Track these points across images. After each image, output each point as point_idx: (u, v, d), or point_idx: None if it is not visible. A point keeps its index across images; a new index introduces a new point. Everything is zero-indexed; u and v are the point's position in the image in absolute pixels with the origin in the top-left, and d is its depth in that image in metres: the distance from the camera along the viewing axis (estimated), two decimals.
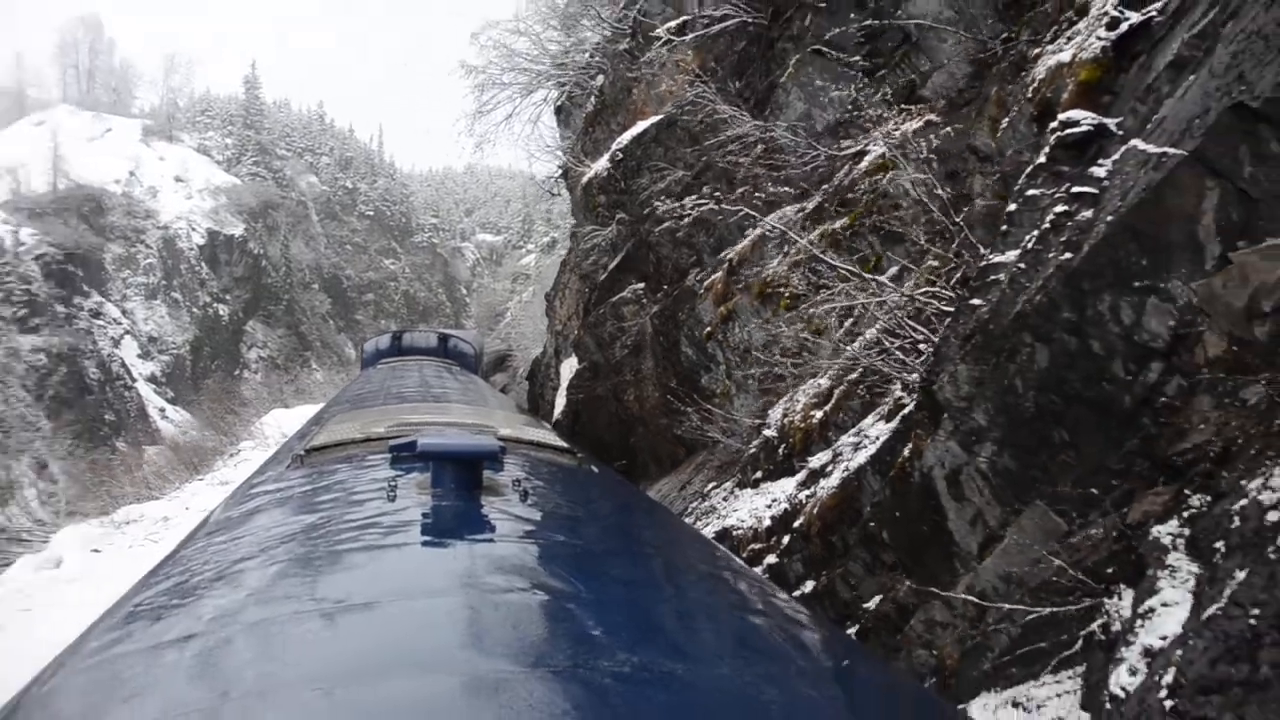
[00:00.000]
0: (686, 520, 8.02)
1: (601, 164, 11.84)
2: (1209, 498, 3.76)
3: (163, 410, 70.79)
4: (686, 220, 9.52)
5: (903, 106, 7.01)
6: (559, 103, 15.75)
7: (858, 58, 7.75)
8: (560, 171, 16.06)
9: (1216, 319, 3.87)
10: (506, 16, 16.62)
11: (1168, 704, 3.06)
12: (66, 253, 70.88)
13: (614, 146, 11.66)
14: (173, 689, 1.88)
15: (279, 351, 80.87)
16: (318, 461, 4.50)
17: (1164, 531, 3.87)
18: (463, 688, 1.64)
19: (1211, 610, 3.16)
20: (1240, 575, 3.14)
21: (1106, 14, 4.47)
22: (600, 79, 13.32)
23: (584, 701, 1.62)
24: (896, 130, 6.80)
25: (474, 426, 5.12)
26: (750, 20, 9.96)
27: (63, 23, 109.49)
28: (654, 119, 10.89)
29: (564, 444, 5.36)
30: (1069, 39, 4.75)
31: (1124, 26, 4.38)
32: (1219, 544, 3.41)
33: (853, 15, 7.83)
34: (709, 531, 7.28)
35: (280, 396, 40.11)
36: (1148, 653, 3.47)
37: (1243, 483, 3.50)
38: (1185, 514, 3.84)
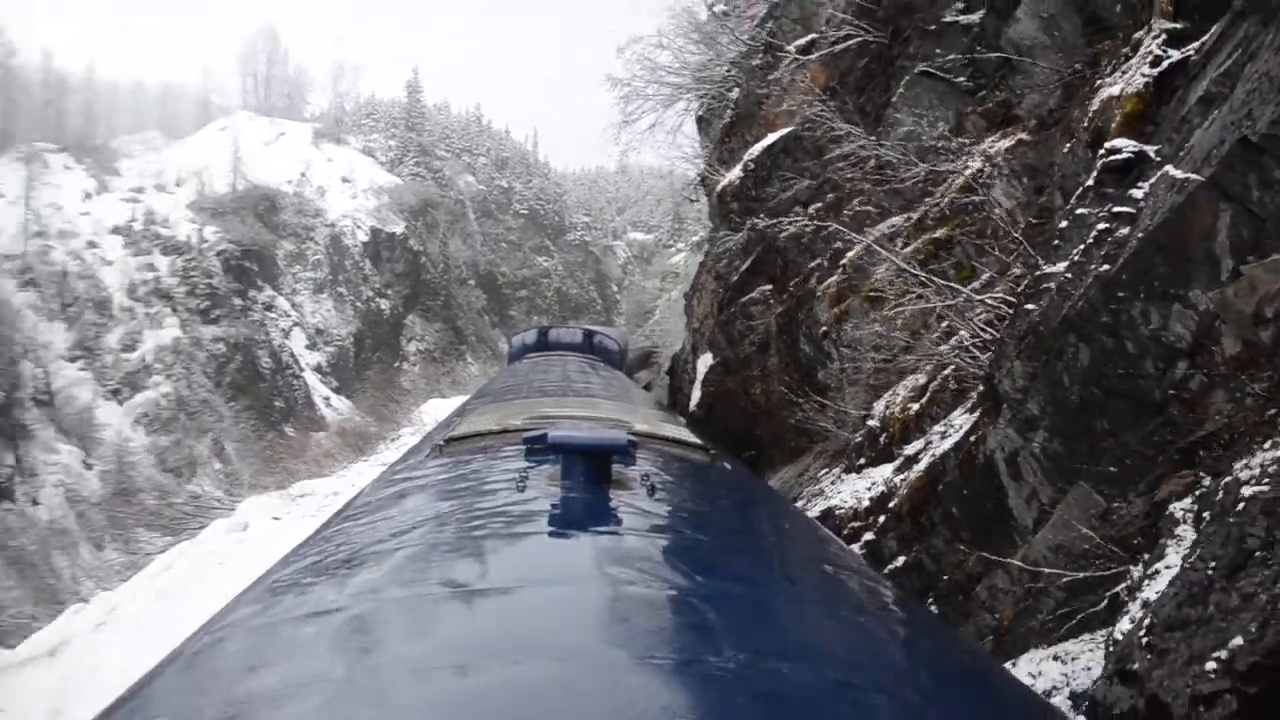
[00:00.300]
0: (798, 504, 8.78)
1: (735, 173, 12.68)
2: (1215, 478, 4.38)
3: (327, 399, 74.21)
4: (809, 228, 10.29)
5: (1001, 127, 7.65)
6: (700, 113, 16.67)
7: (962, 79, 8.40)
8: (699, 178, 17.01)
9: (1230, 324, 4.48)
10: (650, 32, 17.56)
11: (1144, 640, 3.74)
12: (244, 249, 75.35)
13: (746, 157, 12.49)
14: (310, 659, 2.01)
15: (436, 345, 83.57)
16: (455, 451, 4.66)
17: (1179, 508, 4.50)
18: (579, 673, 1.72)
19: (1184, 566, 3.82)
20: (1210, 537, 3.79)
21: (1151, 53, 5.10)
22: (736, 92, 14.16)
23: (690, 694, 1.69)
24: (991, 148, 7.45)
25: (609, 421, 5.26)
26: (872, 39, 10.64)
27: (244, 34, 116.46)
28: (782, 131, 11.66)
29: (697, 440, 5.47)
30: (1122, 73, 5.37)
31: (1165, 65, 5.01)
32: (1206, 514, 4.05)
33: (938, 50, 8.46)
34: (815, 511, 8.06)
35: (437, 387, 42.36)
36: (1144, 604, 4.14)
37: (1234, 464, 4.12)
38: (1197, 493, 4.48)
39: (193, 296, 69.82)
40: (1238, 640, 3.19)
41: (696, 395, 14.12)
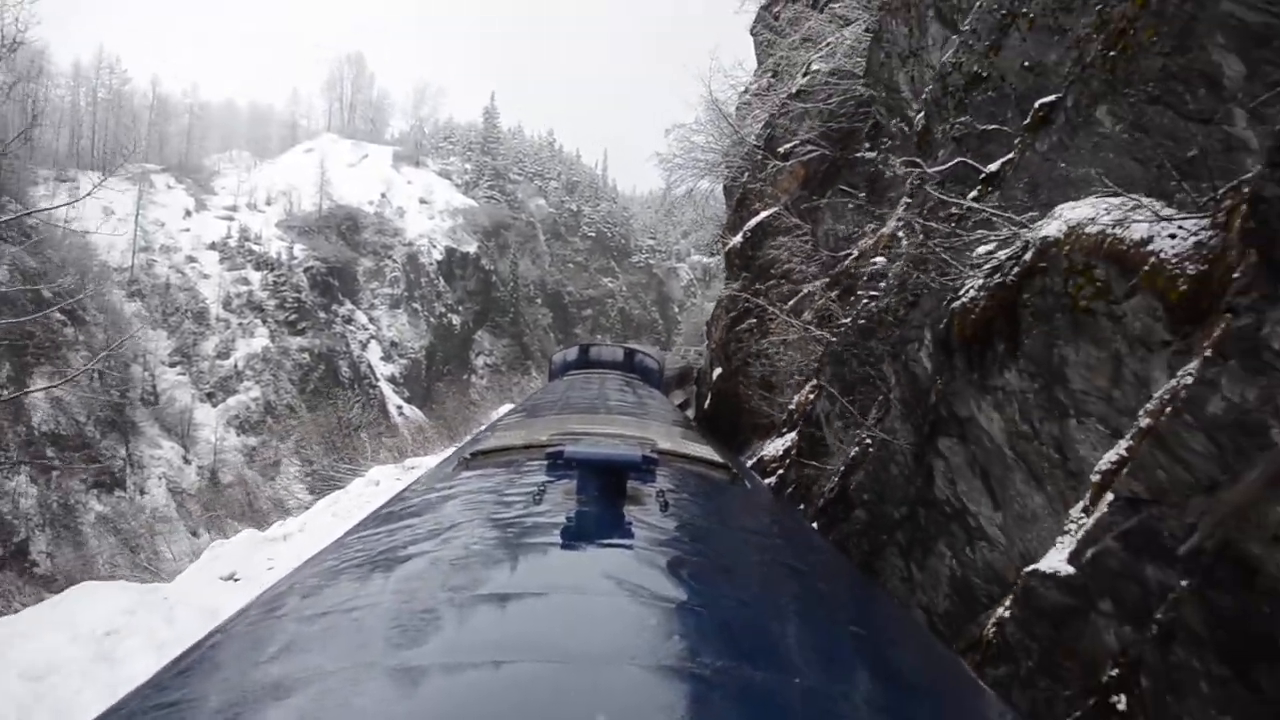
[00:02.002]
0: (750, 460, 14.12)
1: (737, 239, 18.07)
2: None
3: (400, 408, 79.76)
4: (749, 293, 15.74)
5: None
6: (726, 183, 22.17)
7: (863, 195, 13.72)
8: (719, 238, 22.57)
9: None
10: (689, 120, 23.29)
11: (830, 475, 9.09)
12: (329, 266, 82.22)
13: (745, 227, 17.93)
14: (312, 654, 2.27)
15: (503, 360, 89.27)
16: (480, 464, 4.89)
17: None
18: (560, 673, 1.94)
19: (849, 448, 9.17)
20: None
21: (898, 213, 10.45)
22: (746, 175, 19.60)
23: (663, 694, 1.93)
24: (865, 244, 12.76)
25: (633, 438, 5.42)
26: (828, 153, 16.06)
27: (331, 60, 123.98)
28: (767, 212, 17.06)
29: (721, 460, 5.81)
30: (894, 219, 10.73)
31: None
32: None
33: (853, 172, 13.87)
34: (754, 459, 13.47)
35: (509, 395, 48.13)
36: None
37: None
38: None
39: (281, 309, 76.86)
40: (840, 468, 8.55)
41: (708, 397, 19.48)
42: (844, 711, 2.04)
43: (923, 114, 8.23)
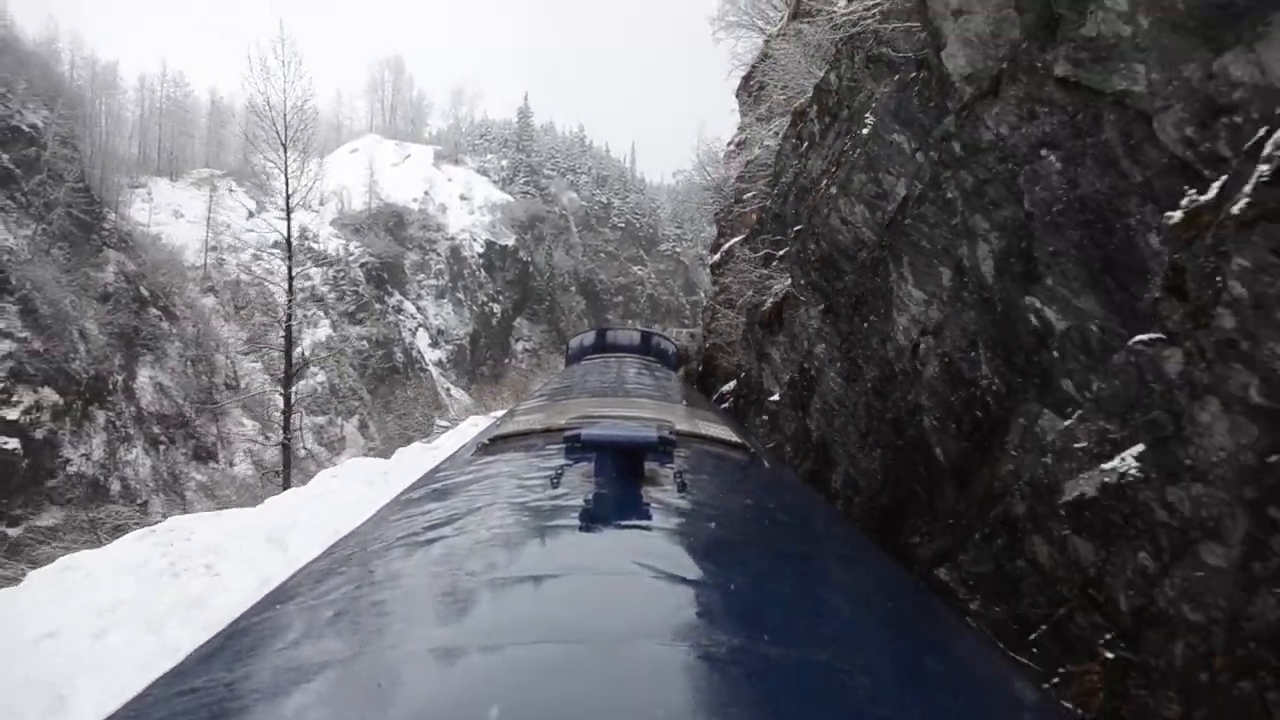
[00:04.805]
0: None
1: (716, 256, 28.20)
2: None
3: (448, 390, 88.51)
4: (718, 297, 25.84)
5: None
6: (714, 213, 32.18)
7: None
8: (709, 253, 32.76)
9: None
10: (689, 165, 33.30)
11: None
12: (380, 260, 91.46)
13: (721, 249, 28.04)
14: (326, 640, 2.36)
15: (540, 345, 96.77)
16: (498, 449, 5.12)
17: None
18: (582, 651, 2.01)
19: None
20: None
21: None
22: (721, 211, 29.63)
23: (678, 668, 1.98)
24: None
25: (651, 420, 5.58)
26: (769, 203, 26.13)
27: (371, 63, 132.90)
28: (732, 241, 27.07)
29: (739, 440, 5.99)
30: None
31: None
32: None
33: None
34: (717, 394, 23.63)
35: (553, 373, 58.20)
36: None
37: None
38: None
39: (341, 301, 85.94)
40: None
41: (701, 365, 29.60)
42: (860, 685, 2.09)
43: (758, 224, 18.42)
